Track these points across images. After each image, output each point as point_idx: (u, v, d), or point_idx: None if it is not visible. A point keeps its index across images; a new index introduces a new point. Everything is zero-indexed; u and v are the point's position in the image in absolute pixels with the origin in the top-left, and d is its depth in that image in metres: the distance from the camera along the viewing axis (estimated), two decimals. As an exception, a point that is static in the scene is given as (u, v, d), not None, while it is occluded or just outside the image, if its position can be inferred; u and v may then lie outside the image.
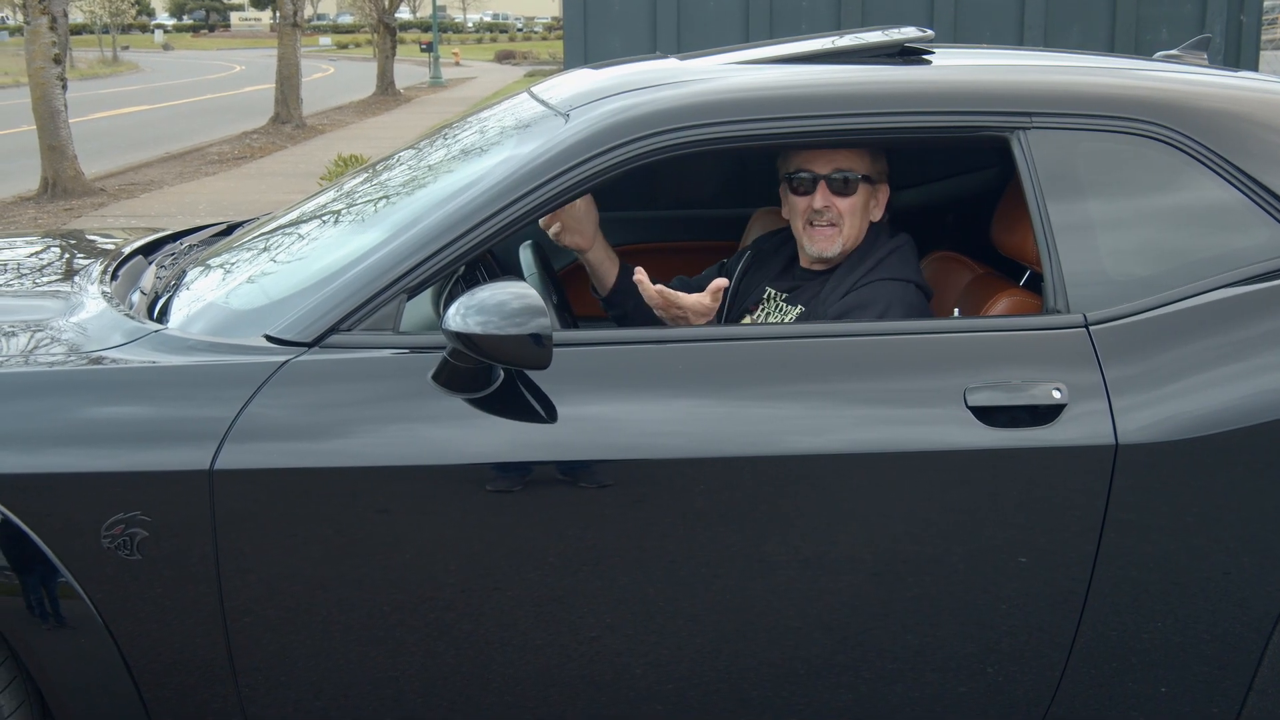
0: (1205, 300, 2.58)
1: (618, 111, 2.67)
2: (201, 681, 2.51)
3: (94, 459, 2.40)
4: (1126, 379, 2.51)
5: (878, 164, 3.02)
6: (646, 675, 2.57)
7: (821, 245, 3.00)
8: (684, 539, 2.49)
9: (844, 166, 2.96)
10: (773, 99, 2.73)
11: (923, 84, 2.82)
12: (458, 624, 2.51)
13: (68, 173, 13.56)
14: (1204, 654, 2.63)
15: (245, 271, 2.93)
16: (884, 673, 2.61)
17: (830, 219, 2.98)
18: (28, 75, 13.54)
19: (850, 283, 2.95)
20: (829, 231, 2.99)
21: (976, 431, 2.48)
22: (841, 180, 2.96)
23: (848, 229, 2.99)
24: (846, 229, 2.98)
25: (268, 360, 2.47)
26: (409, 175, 3.12)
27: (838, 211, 2.97)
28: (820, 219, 2.99)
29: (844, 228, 2.98)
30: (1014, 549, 2.53)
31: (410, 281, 2.53)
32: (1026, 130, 2.67)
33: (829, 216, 2.98)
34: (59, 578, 2.40)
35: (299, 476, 2.42)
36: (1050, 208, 2.63)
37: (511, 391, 2.46)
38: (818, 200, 2.97)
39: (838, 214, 2.97)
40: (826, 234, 2.99)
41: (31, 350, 2.64)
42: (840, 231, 2.98)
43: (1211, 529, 2.55)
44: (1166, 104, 2.71)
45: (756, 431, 2.50)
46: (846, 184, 2.96)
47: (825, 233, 2.99)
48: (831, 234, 2.99)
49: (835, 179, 2.96)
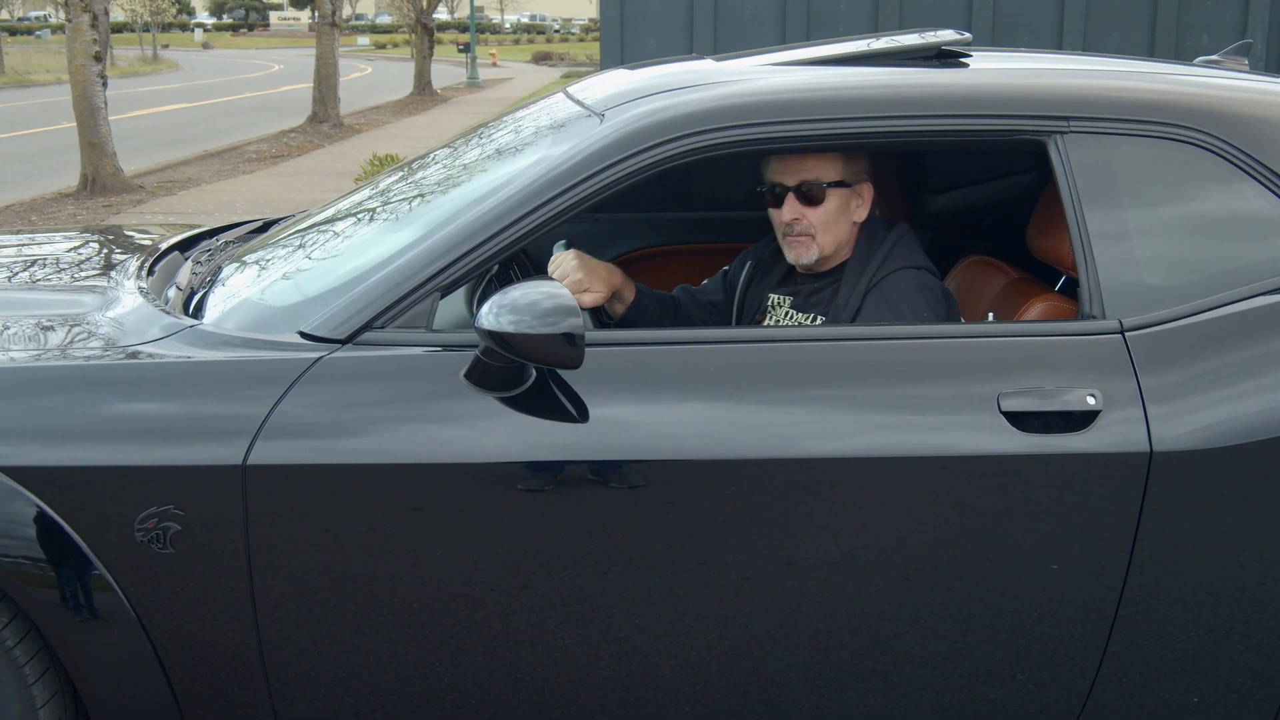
0: (1242, 308, 2.56)
1: (652, 112, 2.67)
2: (232, 675, 2.53)
3: (128, 453, 2.42)
4: (1162, 386, 2.49)
5: (853, 165, 2.97)
6: (675, 676, 2.57)
7: (798, 253, 2.99)
8: (714, 540, 2.48)
9: (811, 177, 2.93)
10: (807, 101, 2.72)
11: (959, 87, 2.80)
12: (487, 622, 2.51)
13: (107, 169, 13.66)
14: (1237, 664, 2.61)
15: (280, 268, 2.95)
16: (914, 678, 2.60)
17: (802, 229, 2.96)
18: (69, 72, 13.64)
19: (865, 282, 2.94)
20: (804, 240, 2.97)
21: (1010, 437, 2.47)
22: (808, 190, 2.93)
23: (823, 236, 2.96)
24: (821, 236, 2.96)
25: (301, 357, 2.48)
26: (444, 174, 3.13)
27: (809, 222, 2.95)
28: (793, 230, 2.97)
29: (818, 236, 2.96)
30: (1046, 555, 2.51)
31: (444, 280, 2.54)
32: (1064, 135, 2.65)
33: (801, 227, 2.96)
34: (93, 570, 2.41)
35: (331, 473, 2.43)
36: (1087, 213, 2.61)
37: (543, 391, 2.46)
38: (786, 213, 2.95)
39: (809, 224, 2.95)
40: (802, 242, 2.97)
41: (68, 344, 2.66)
42: (815, 240, 2.96)
43: (1246, 538, 2.53)
44: (1205, 109, 2.69)
45: (788, 434, 2.49)
46: (814, 193, 2.93)
47: (800, 241, 2.97)
48: (806, 243, 2.97)
49: (802, 190, 2.94)
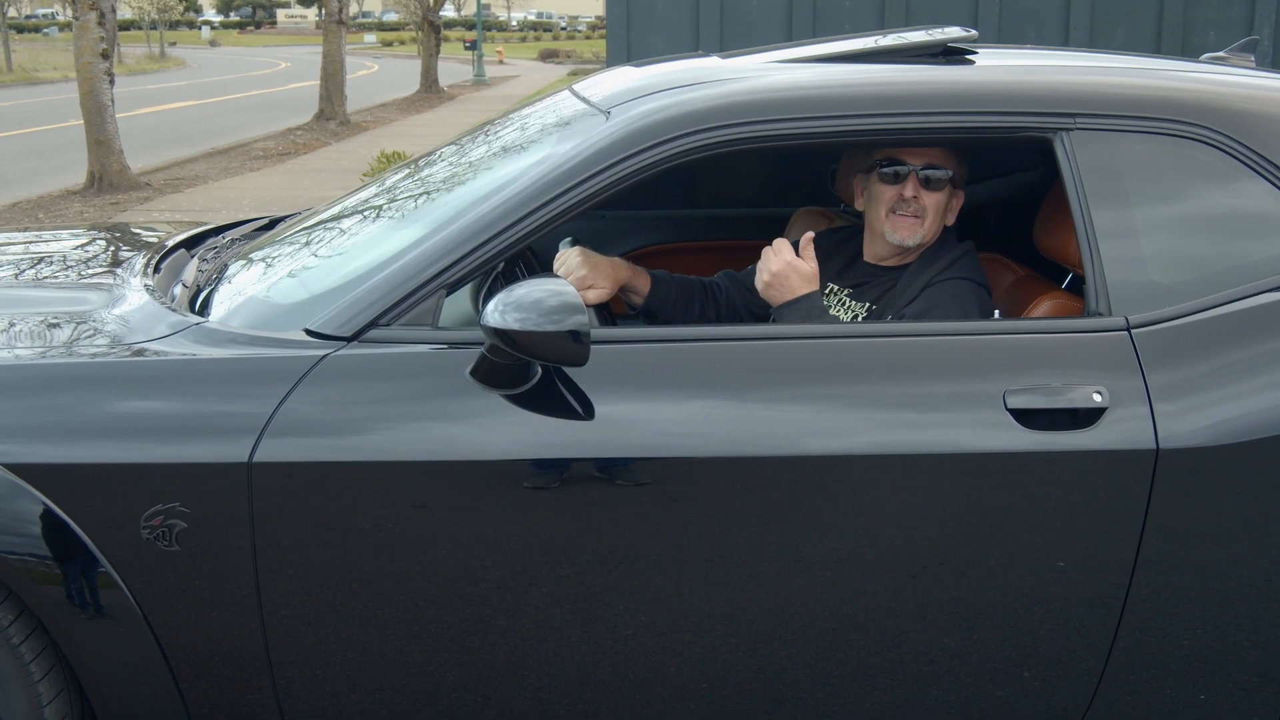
0: (1249, 305, 2.56)
1: (657, 110, 2.67)
2: (238, 673, 2.53)
3: (134, 450, 2.42)
4: (1168, 383, 2.49)
5: (961, 169, 3.02)
6: (681, 674, 2.57)
7: (904, 234, 2.99)
8: (720, 538, 2.48)
9: (936, 162, 2.96)
10: (812, 98, 2.72)
11: (965, 84, 2.80)
12: (493, 620, 2.51)
13: (114, 167, 13.68)
14: (1245, 661, 2.60)
15: (286, 266, 2.95)
16: (920, 675, 2.60)
17: (915, 210, 2.97)
18: (76, 70, 13.66)
19: (925, 280, 2.95)
20: (915, 221, 2.98)
21: (1016, 434, 2.47)
22: (932, 176, 2.96)
23: (929, 222, 2.99)
24: (928, 222, 2.98)
25: (307, 354, 2.48)
26: (450, 171, 3.13)
27: (923, 204, 2.97)
28: (905, 208, 2.98)
29: (926, 220, 2.98)
30: (1053, 553, 2.51)
31: (449, 277, 2.54)
32: (1070, 131, 2.65)
33: (914, 208, 2.97)
34: (99, 568, 2.42)
35: (337, 470, 2.43)
36: (1093, 209, 2.61)
37: (549, 388, 2.46)
38: (908, 189, 2.97)
39: (922, 206, 2.97)
40: (910, 223, 2.98)
41: (75, 341, 2.66)
42: (923, 223, 2.98)
43: (1253, 535, 2.53)
44: (1211, 106, 2.68)
45: (794, 431, 2.49)
46: (936, 180, 2.96)
47: (909, 221, 2.98)
48: (915, 224, 2.98)
49: (926, 174, 2.96)
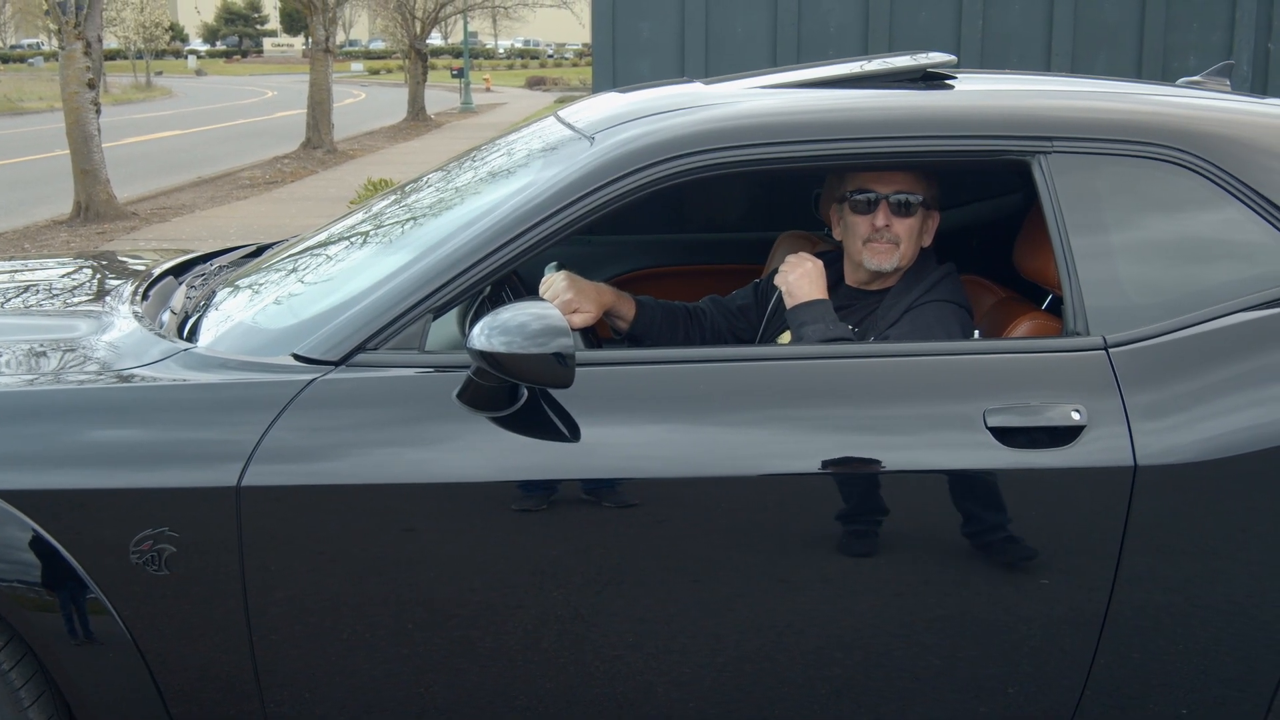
0: (1224, 324, 2.59)
1: (641, 135, 2.70)
2: (228, 697, 2.54)
3: (123, 475, 2.44)
4: (1146, 401, 2.52)
5: (932, 190, 3.04)
6: (669, 694, 2.59)
7: (880, 260, 3.02)
8: (707, 558, 2.50)
9: (905, 189, 2.98)
10: (794, 124, 2.75)
11: (944, 109, 2.84)
12: (481, 641, 2.52)
13: (100, 196, 13.67)
14: (1224, 675, 2.63)
15: (273, 292, 2.97)
16: (905, 692, 2.62)
17: (890, 238, 3.00)
18: (62, 100, 13.67)
19: (907, 302, 2.98)
20: (889, 247, 3.01)
21: (996, 453, 2.49)
22: (902, 202, 2.98)
23: (905, 247, 3.01)
24: (904, 247, 3.01)
25: (295, 379, 2.50)
26: (436, 197, 3.15)
27: (896, 232, 3.00)
28: (880, 237, 3.01)
29: (901, 246, 3.01)
30: (1033, 570, 2.54)
31: (436, 301, 2.56)
32: (1047, 155, 2.69)
33: (888, 236, 3.00)
34: (88, 593, 2.43)
35: (325, 494, 2.45)
36: (1070, 232, 2.64)
37: (535, 410, 2.48)
38: (879, 219, 2.99)
39: (896, 234, 3.00)
40: (885, 248, 3.01)
41: (63, 368, 2.68)
42: (898, 249, 3.01)
43: (1232, 551, 2.56)
44: (1187, 129, 2.72)
45: (779, 452, 2.51)
46: (907, 206, 2.99)
47: (884, 248, 3.01)
48: (890, 249, 3.01)
49: (896, 200, 2.98)
